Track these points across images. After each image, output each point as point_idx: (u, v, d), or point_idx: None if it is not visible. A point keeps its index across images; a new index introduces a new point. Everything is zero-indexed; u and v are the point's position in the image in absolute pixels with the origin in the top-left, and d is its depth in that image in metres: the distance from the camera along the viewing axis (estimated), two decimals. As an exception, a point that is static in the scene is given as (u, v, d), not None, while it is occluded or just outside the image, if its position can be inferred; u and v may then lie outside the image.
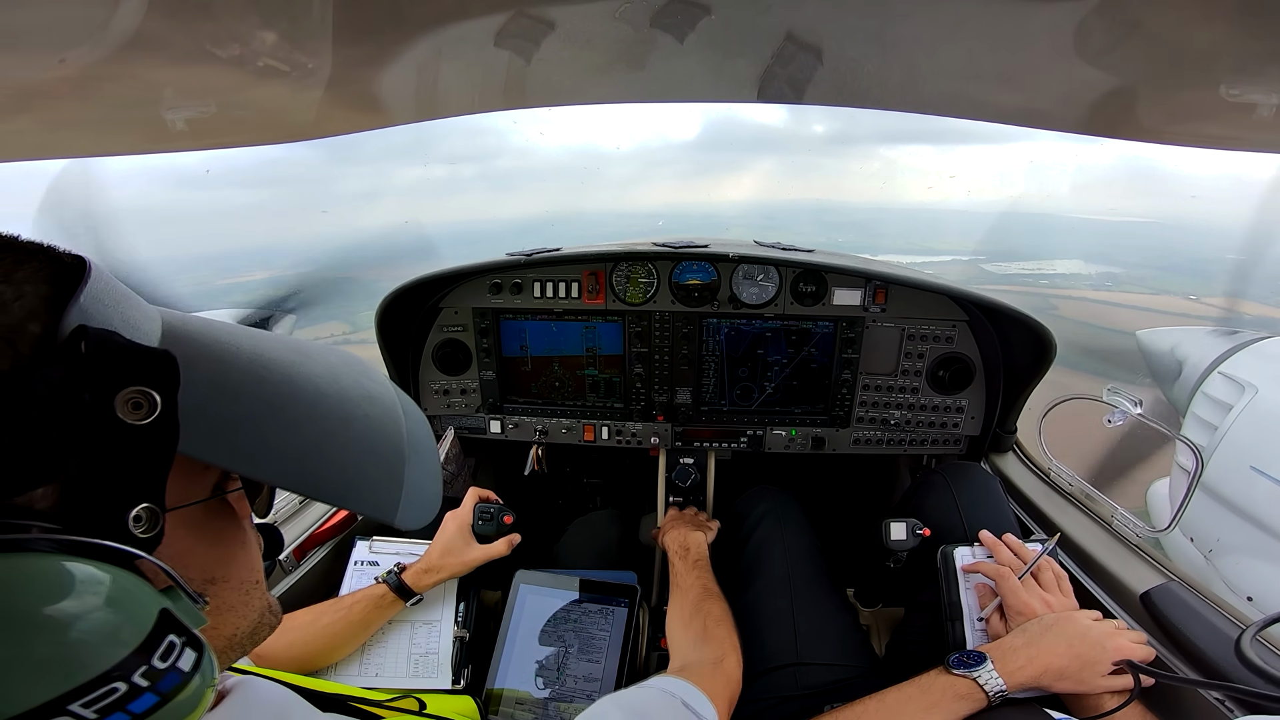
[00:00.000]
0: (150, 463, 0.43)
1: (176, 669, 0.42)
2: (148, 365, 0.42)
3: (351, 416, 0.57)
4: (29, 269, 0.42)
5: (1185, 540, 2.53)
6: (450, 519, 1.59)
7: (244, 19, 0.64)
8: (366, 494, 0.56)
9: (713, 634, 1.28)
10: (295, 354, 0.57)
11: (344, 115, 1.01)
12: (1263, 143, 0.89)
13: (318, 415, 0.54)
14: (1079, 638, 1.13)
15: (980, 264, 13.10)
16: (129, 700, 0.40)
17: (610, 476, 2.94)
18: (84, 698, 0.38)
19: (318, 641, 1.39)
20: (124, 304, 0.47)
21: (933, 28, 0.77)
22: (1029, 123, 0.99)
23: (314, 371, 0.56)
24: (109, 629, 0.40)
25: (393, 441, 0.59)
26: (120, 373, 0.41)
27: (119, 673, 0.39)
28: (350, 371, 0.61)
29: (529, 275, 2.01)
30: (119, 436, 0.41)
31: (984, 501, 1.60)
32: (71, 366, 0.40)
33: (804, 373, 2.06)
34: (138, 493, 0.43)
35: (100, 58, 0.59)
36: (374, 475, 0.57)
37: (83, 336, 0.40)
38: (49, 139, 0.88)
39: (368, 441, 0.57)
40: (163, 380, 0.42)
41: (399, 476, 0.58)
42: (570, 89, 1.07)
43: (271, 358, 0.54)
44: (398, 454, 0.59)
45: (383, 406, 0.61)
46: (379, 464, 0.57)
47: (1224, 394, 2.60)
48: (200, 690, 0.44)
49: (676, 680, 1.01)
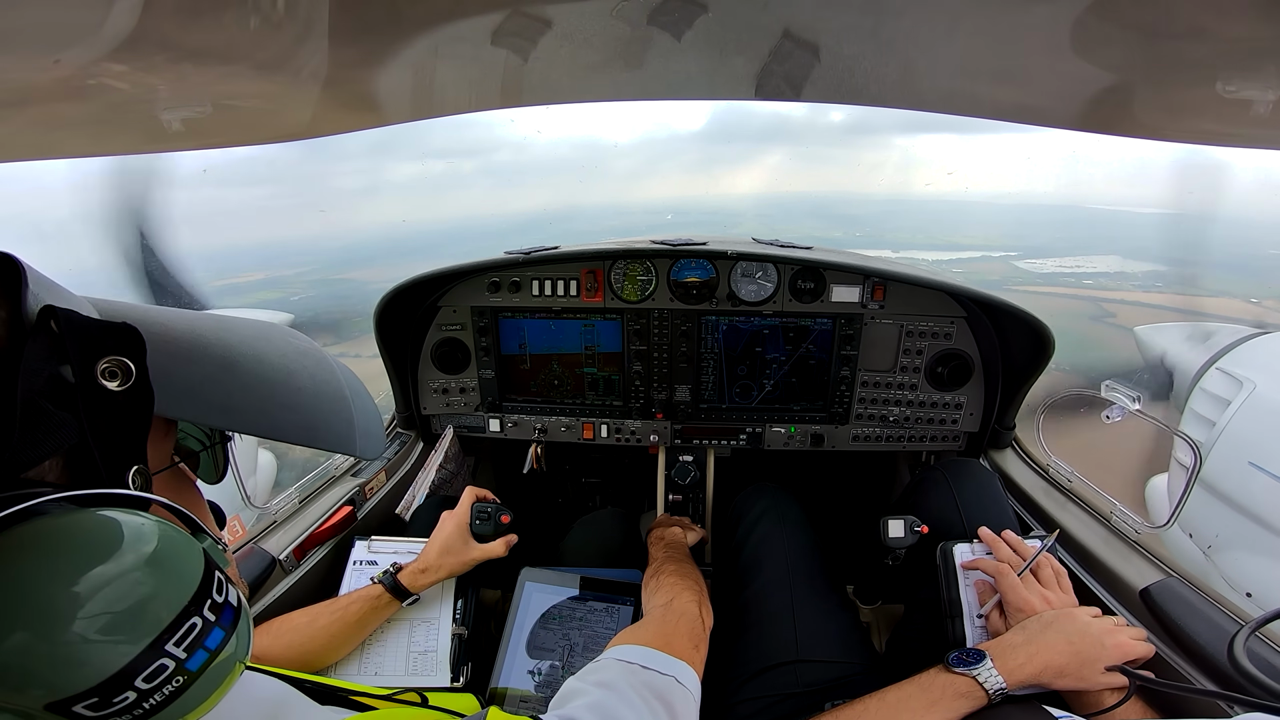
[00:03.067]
0: (134, 425, 0.47)
1: (229, 603, 0.46)
2: (115, 336, 0.45)
3: (292, 369, 0.62)
4: None
5: (1184, 536, 2.54)
6: (448, 518, 1.59)
7: (239, 19, 0.64)
8: (327, 431, 0.62)
9: (663, 584, 1.36)
10: (221, 323, 0.62)
11: (340, 115, 1.01)
12: (1260, 139, 0.89)
13: (264, 370, 0.59)
14: (1079, 635, 1.13)
15: (1013, 261, 12.59)
16: (205, 634, 0.43)
17: (610, 475, 2.94)
18: (174, 635, 0.41)
19: (315, 642, 1.39)
20: (59, 292, 0.49)
21: (929, 24, 0.77)
22: (1026, 119, 0.99)
23: (245, 335, 0.61)
24: (180, 565, 0.43)
25: (334, 386, 0.65)
26: (94, 345, 0.44)
27: (195, 607, 0.43)
28: (277, 333, 0.66)
29: (527, 273, 2.01)
30: (106, 404, 0.44)
31: (983, 498, 1.60)
32: (51, 343, 0.42)
33: (803, 370, 2.06)
34: (129, 454, 0.47)
35: (95, 58, 0.59)
36: (328, 415, 0.63)
37: (51, 315, 0.42)
38: (45, 140, 0.88)
39: (313, 388, 0.63)
40: (131, 348, 0.45)
41: (348, 414, 0.64)
42: (567, 87, 1.07)
43: (203, 328, 0.58)
44: (341, 395, 0.65)
45: (316, 359, 0.66)
46: (328, 405, 0.63)
47: (1222, 389, 2.60)
48: (248, 629, 0.48)
49: (625, 647, 1.03)
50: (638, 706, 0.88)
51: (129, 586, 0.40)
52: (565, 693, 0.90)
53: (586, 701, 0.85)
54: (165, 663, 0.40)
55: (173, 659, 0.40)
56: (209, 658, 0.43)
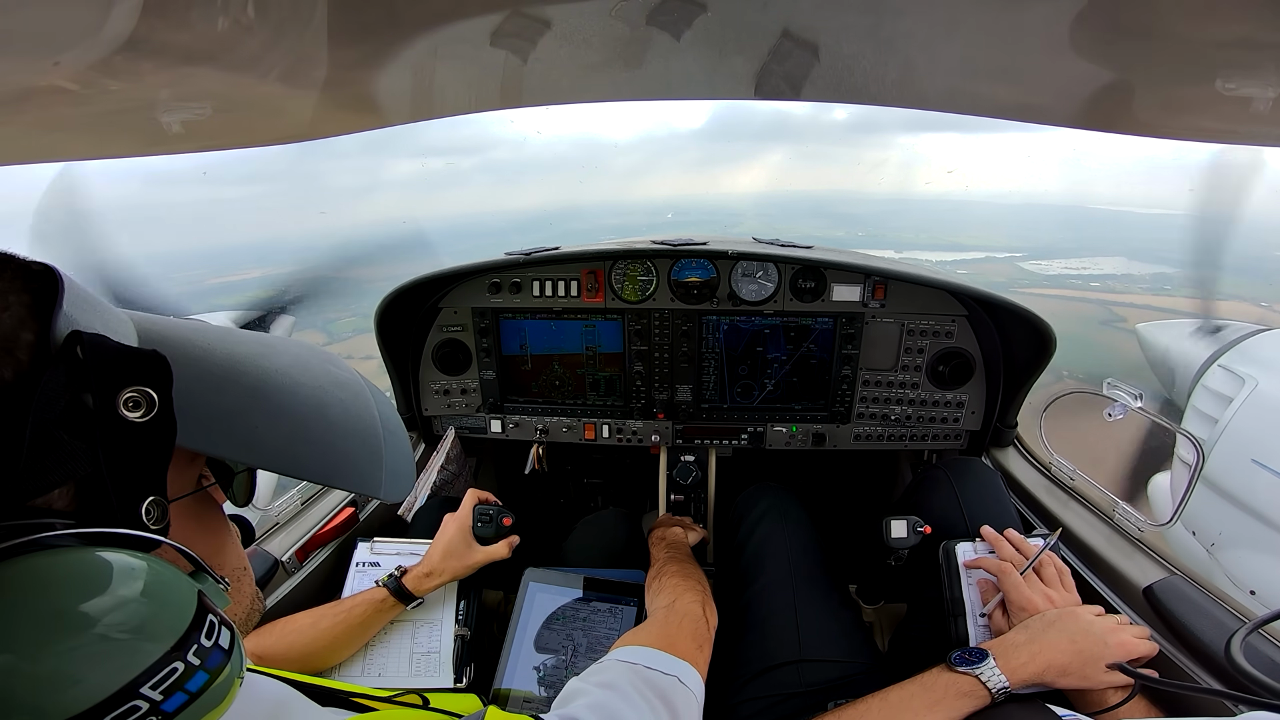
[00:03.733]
0: (153, 457, 0.45)
1: (218, 646, 0.45)
2: (141, 365, 0.44)
3: (326, 401, 0.60)
4: (4, 279, 0.42)
5: (1187, 534, 2.53)
6: (450, 521, 1.59)
7: (238, 21, 0.64)
8: (352, 471, 0.60)
9: (665, 584, 1.35)
10: (262, 347, 0.60)
11: (340, 116, 1.01)
12: (1259, 135, 0.89)
13: (296, 402, 0.57)
14: (1082, 633, 1.13)
15: (1018, 262, 12.20)
16: (186, 679, 0.42)
17: (611, 475, 2.94)
18: (151, 679, 0.40)
19: (318, 644, 1.39)
20: (98, 309, 0.49)
21: (929, 23, 0.77)
22: (1025, 117, 0.99)
23: (283, 363, 0.59)
24: (165, 611, 0.43)
25: (367, 421, 0.63)
26: (118, 374, 0.43)
27: (177, 652, 0.42)
28: (316, 360, 0.64)
29: (528, 274, 2.01)
30: (124, 435, 0.43)
31: (985, 497, 1.60)
32: (73, 371, 0.41)
33: (804, 369, 2.06)
34: (146, 486, 0.46)
35: (94, 61, 0.59)
36: (356, 453, 0.60)
37: (78, 341, 0.41)
38: (44, 142, 0.88)
39: (345, 423, 0.60)
40: (157, 379, 0.44)
41: (378, 453, 0.62)
42: (567, 88, 1.07)
43: (242, 353, 0.57)
44: (374, 433, 0.62)
45: (352, 391, 0.64)
46: (358, 443, 0.61)
47: (1224, 387, 2.59)
48: (236, 668, 0.47)
49: (628, 648, 1.04)
50: (639, 706, 0.88)
51: (108, 629, 0.39)
52: (568, 693, 0.90)
53: (588, 701, 0.85)
54: (138, 704, 0.39)
55: (147, 701, 0.40)
56: (187, 700, 0.42)
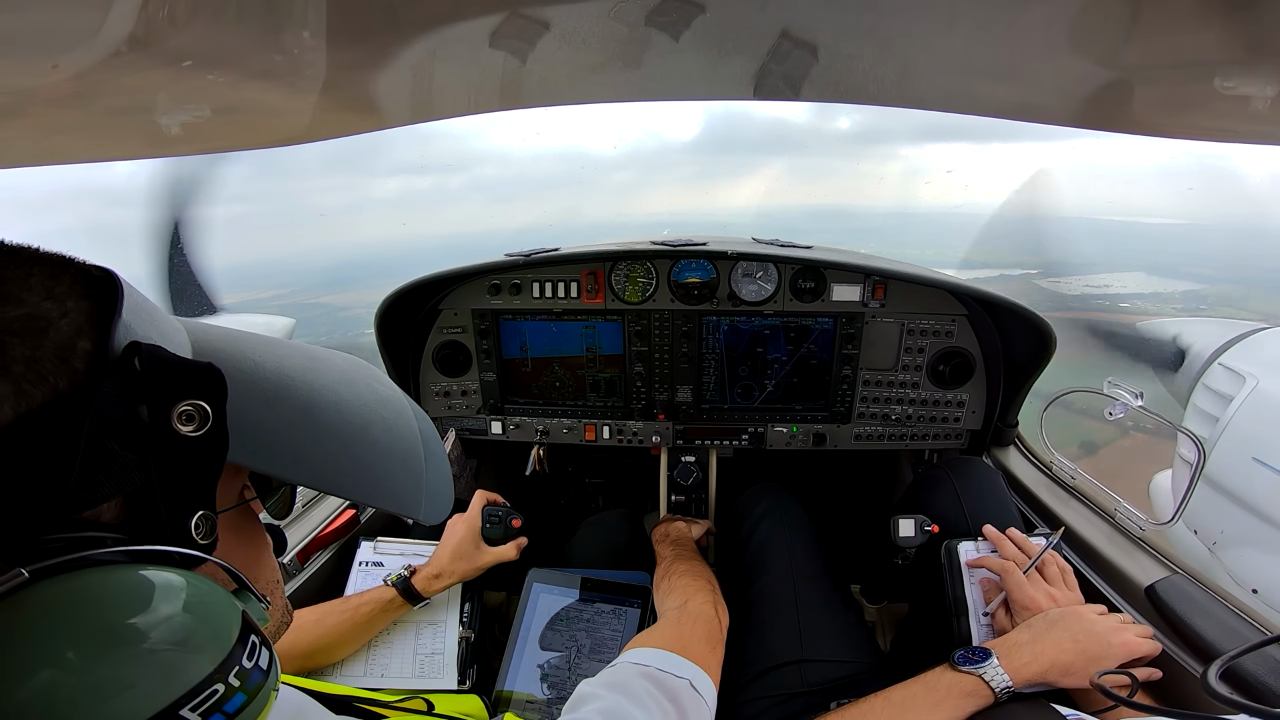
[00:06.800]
0: (204, 472, 0.45)
1: (258, 667, 0.45)
2: (197, 379, 0.44)
3: (370, 420, 0.59)
4: (65, 284, 0.42)
5: (1189, 533, 2.53)
6: (458, 522, 1.59)
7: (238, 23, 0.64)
8: (392, 492, 0.59)
9: (675, 585, 1.35)
10: (310, 361, 0.59)
11: (340, 118, 1.01)
12: (1258, 134, 0.89)
13: (342, 420, 0.57)
14: (1085, 633, 1.13)
15: (1035, 280, 11.53)
16: (225, 700, 0.41)
17: (612, 476, 2.94)
18: (193, 700, 0.39)
19: (322, 640, 1.39)
20: (155, 317, 0.48)
21: (927, 22, 0.77)
22: (1025, 117, 0.99)
23: (330, 378, 0.59)
24: (210, 631, 0.42)
25: (409, 441, 0.62)
26: (174, 387, 0.42)
27: (220, 674, 0.41)
28: (362, 376, 0.63)
29: (527, 276, 2.01)
30: (177, 448, 0.43)
31: (987, 496, 1.60)
32: (129, 383, 0.41)
33: (804, 369, 2.06)
34: (195, 500, 0.45)
35: (94, 63, 0.59)
36: (397, 473, 0.60)
37: (135, 353, 0.41)
38: (44, 145, 0.88)
39: (387, 442, 0.60)
40: (212, 393, 0.44)
41: (419, 473, 0.61)
42: (566, 89, 1.07)
43: (291, 366, 0.56)
44: (415, 453, 0.62)
45: (395, 409, 0.63)
46: (400, 463, 0.60)
47: (1224, 385, 2.59)
48: (272, 686, 0.46)
49: (642, 650, 1.03)
50: (650, 710, 0.88)
51: (154, 649, 0.39)
52: (579, 696, 0.90)
53: (600, 706, 0.85)
54: None
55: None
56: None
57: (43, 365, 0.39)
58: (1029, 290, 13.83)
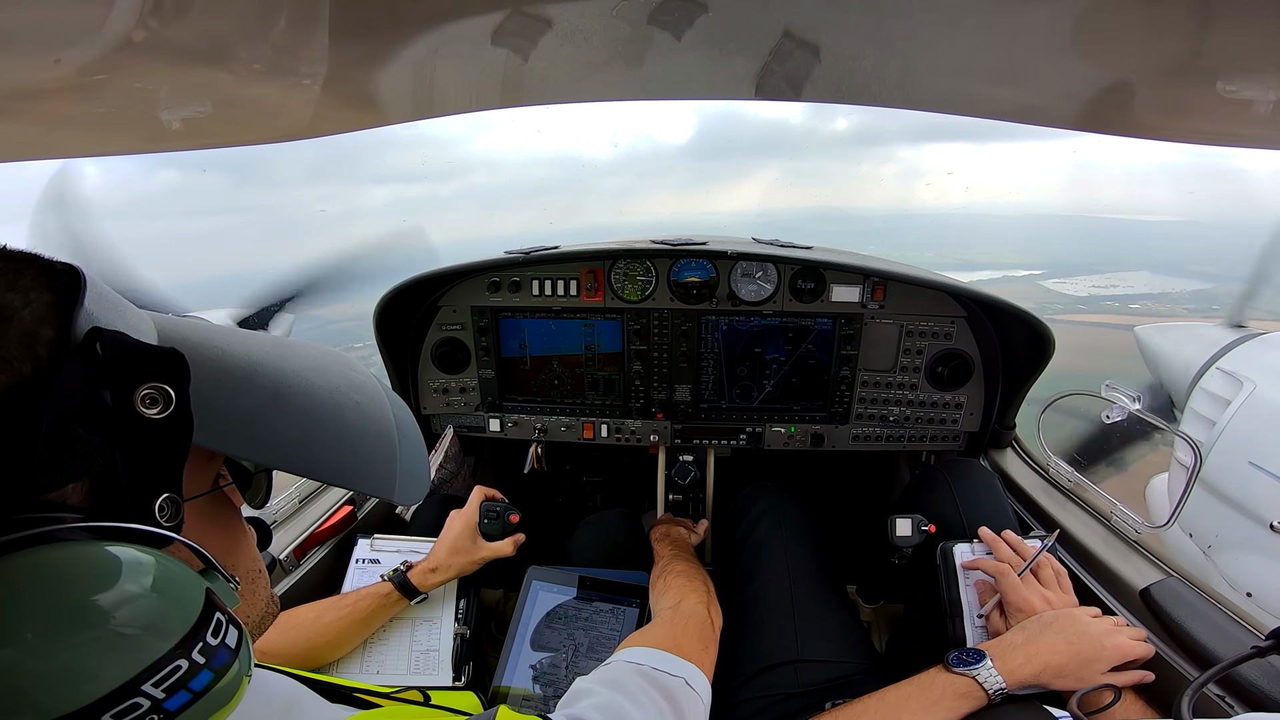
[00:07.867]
0: (169, 454, 0.46)
1: (225, 645, 0.45)
2: (159, 362, 0.44)
3: (343, 404, 0.60)
4: (29, 277, 0.43)
5: (1184, 536, 2.53)
6: (456, 517, 1.59)
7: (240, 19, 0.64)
8: (367, 474, 0.60)
9: (671, 584, 1.37)
10: (280, 349, 0.60)
11: (341, 114, 1.01)
12: (1259, 138, 0.90)
13: (313, 403, 0.58)
14: (1079, 635, 1.13)
15: (1039, 281, 11.00)
16: (190, 677, 0.42)
17: (610, 475, 2.94)
18: (154, 675, 0.40)
19: (321, 638, 1.40)
20: (120, 308, 0.49)
21: (930, 24, 0.77)
22: (1025, 119, 0.99)
23: (301, 365, 0.60)
24: (171, 607, 0.43)
25: (383, 425, 0.63)
26: (136, 371, 0.43)
27: (181, 650, 0.42)
28: (334, 363, 0.64)
29: (527, 273, 2.01)
30: (141, 431, 0.44)
31: (983, 498, 1.60)
32: (91, 367, 0.42)
33: (803, 370, 2.06)
34: (160, 483, 0.46)
35: (95, 58, 0.59)
36: (371, 456, 0.61)
37: (97, 338, 0.42)
38: (46, 139, 0.88)
39: (361, 426, 0.61)
40: (175, 376, 0.45)
41: (393, 456, 0.62)
42: (568, 87, 1.07)
43: (260, 354, 0.57)
44: (388, 436, 0.63)
45: (368, 394, 0.64)
46: (374, 446, 0.61)
47: (1221, 389, 2.60)
48: (244, 668, 0.47)
49: (636, 649, 1.04)
50: (646, 707, 0.89)
51: (112, 624, 0.39)
52: (574, 693, 0.91)
53: (595, 702, 0.86)
54: (140, 701, 0.39)
55: (149, 698, 0.40)
56: (191, 699, 0.42)
57: (7, 351, 0.40)
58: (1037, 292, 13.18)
